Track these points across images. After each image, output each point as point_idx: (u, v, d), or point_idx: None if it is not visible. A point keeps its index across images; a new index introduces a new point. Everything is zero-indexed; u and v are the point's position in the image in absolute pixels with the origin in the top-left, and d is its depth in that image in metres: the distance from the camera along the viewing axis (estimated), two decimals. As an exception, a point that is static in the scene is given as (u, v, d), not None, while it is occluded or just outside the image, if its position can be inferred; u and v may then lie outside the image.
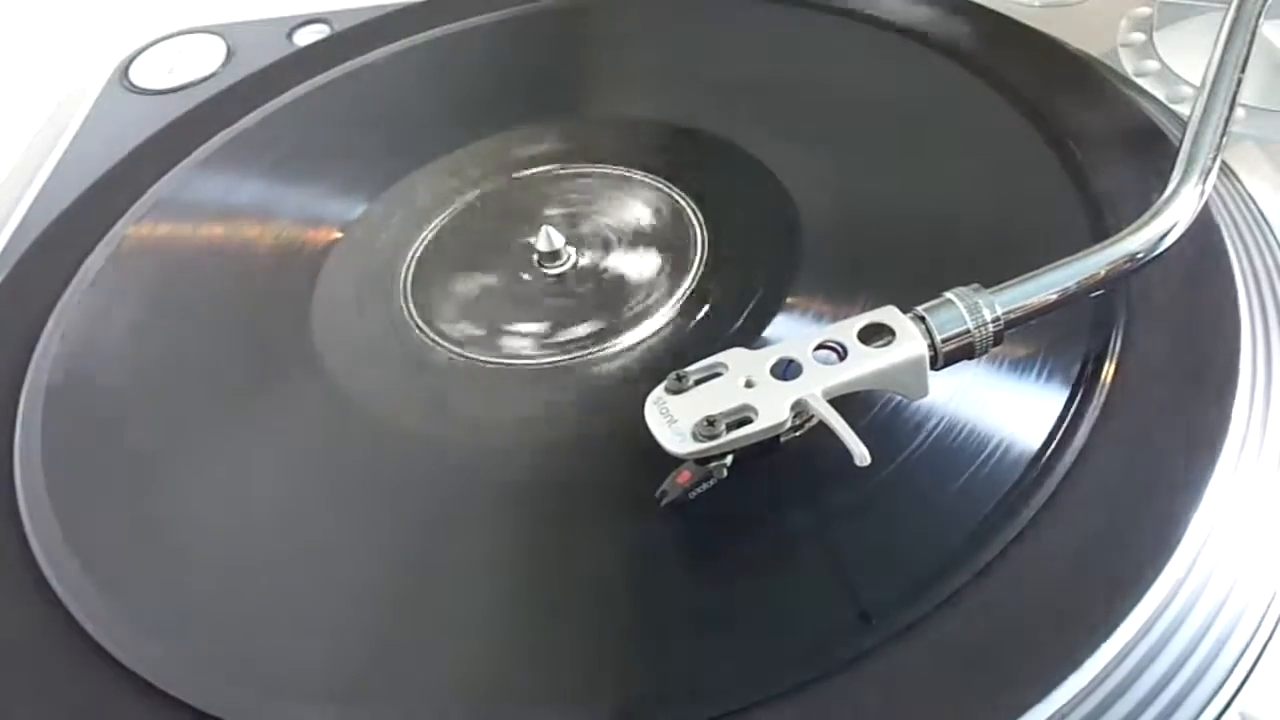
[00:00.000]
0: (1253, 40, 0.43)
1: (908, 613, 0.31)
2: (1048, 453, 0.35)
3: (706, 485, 0.34)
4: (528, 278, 0.45)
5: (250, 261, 0.49)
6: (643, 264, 0.44)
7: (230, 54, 0.64)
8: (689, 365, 0.34)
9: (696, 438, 0.32)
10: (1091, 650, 0.30)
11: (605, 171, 0.49)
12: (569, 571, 0.35)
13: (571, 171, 0.50)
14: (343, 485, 0.39)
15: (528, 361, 0.41)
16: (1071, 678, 0.30)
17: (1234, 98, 0.41)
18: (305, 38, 0.64)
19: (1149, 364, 0.37)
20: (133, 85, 0.63)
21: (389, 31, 0.60)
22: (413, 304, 0.45)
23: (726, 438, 0.32)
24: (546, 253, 0.45)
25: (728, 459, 0.33)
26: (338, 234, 0.49)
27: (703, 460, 0.33)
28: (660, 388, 0.34)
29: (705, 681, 0.31)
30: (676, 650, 0.33)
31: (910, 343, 0.33)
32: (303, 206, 0.51)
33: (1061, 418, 0.35)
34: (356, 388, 0.42)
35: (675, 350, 0.41)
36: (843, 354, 0.34)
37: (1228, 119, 0.41)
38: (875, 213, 0.44)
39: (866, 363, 0.33)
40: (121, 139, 0.57)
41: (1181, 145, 0.40)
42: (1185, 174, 0.38)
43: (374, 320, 0.44)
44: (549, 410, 0.40)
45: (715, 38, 0.55)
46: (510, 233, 0.47)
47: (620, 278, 0.44)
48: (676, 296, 0.43)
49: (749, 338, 0.40)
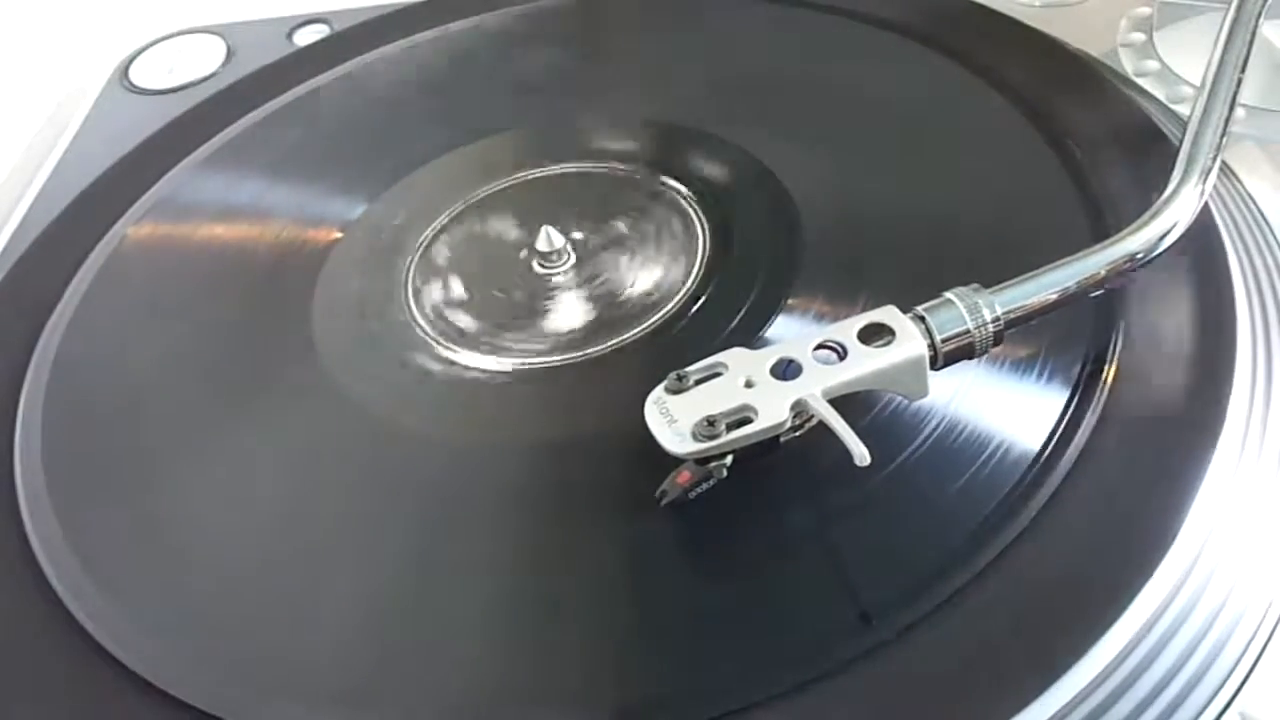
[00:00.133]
0: (1253, 40, 0.43)
1: (908, 613, 0.31)
2: (1048, 453, 0.34)
3: (706, 485, 0.34)
4: (528, 278, 0.45)
5: (250, 261, 0.49)
6: (643, 264, 0.44)
7: (230, 54, 0.64)
8: (689, 365, 0.34)
9: (696, 438, 0.32)
10: (1091, 651, 0.30)
11: (606, 171, 0.49)
12: (569, 572, 0.35)
13: (572, 171, 0.50)
14: (342, 485, 0.39)
15: (528, 361, 0.42)
16: (1071, 678, 0.30)
17: (1234, 98, 0.41)
18: (305, 38, 0.64)
19: (1149, 364, 0.37)
20: (133, 85, 0.63)
21: (389, 31, 0.60)
22: (413, 304, 0.45)
23: (726, 438, 0.32)
24: (546, 253, 0.45)
25: (727, 459, 0.33)
26: (338, 234, 0.49)
27: (703, 460, 0.33)
28: (660, 388, 0.34)
29: (705, 681, 0.31)
30: (676, 650, 0.33)
31: (910, 343, 0.33)
32: (303, 206, 0.51)
33: (1061, 418, 0.35)
34: (356, 388, 0.42)
35: (675, 350, 0.41)
36: (843, 354, 0.34)
37: (1228, 119, 0.41)
38: (875, 213, 0.44)
39: (866, 363, 0.33)
40: (121, 139, 0.57)
41: (1181, 145, 0.40)
42: (1185, 174, 0.38)
43: (374, 320, 0.44)
44: (549, 410, 0.40)
45: (715, 38, 0.55)
46: (510, 233, 0.47)
47: (620, 278, 0.44)
48: (677, 296, 0.43)
49: (749, 338, 0.40)
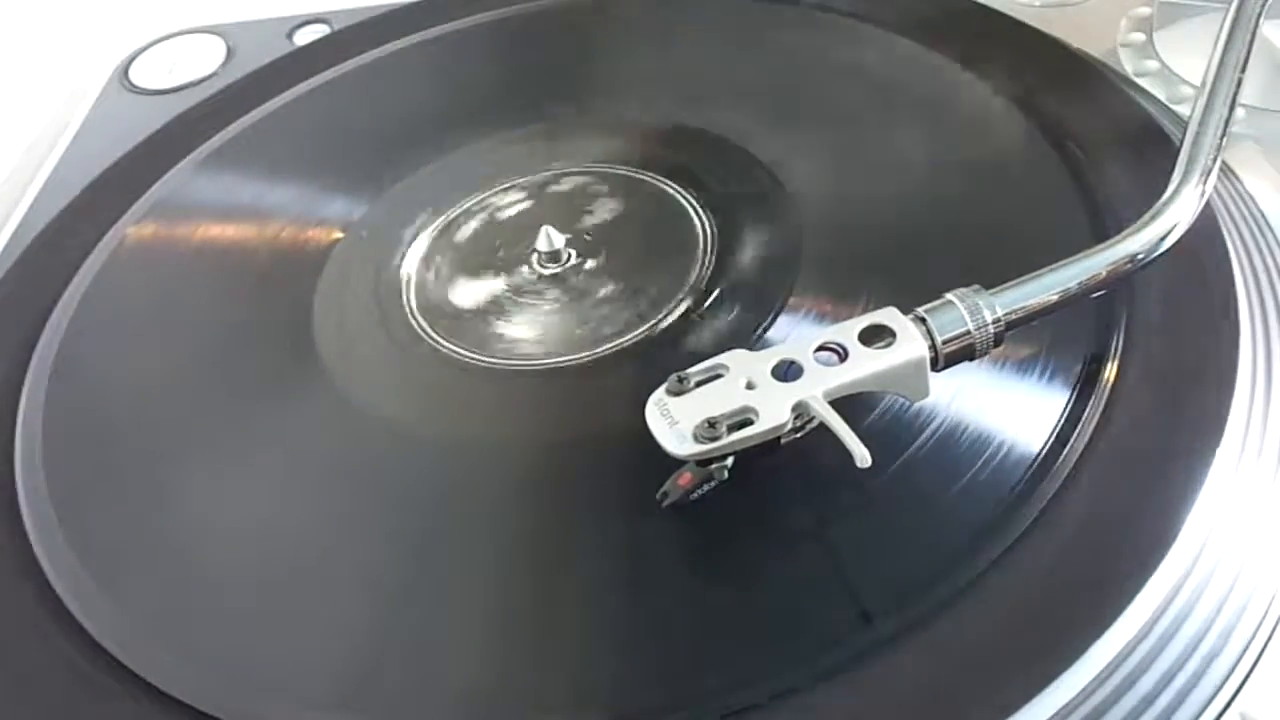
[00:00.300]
0: (1253, 40, 0.43)
1: (908, 613, 0.32)
2: (1048, 453, 0.35)
3: (707, 487, 0.34)
4: (528, 278, 0.45)
5: (251, 261, 0.49)
6: (643, 264, 0.44)
7: (230, 54, 0.64)
8: (690, 366, 0.34)
9: (697, 439, 0.32)
10: (1091, 651, 0.30)
11: (606, 171, 0.49)
12: (570, 573, 0.35)
13: (572, 171, 0.50)
14: (343, 485, 0.39)
15: (528, 362, 0.41)
16: (1071, 678, 0.30)
17: (1234, 98, 0.41)
18: (305, 38, 0.64)
19: (1149, 364, 0.37)
20: (133, 85, 0.63)
21: (389, 31, 0.60)
22: (414, 304, 0.45)
23: (727, 439, 0.32)
24: (547, 253, 0.45)
25: (728, 460, 0.33)
26: (338, 234, 0.49)
27: (704, 462, 0.33)
28: (661, 389, 0.34)
29: (705, 682, 0.31)
30: (677, 651, 0.33)
31: (911, 344, 0.33)
32: (303, 206, 0.51)
33: (1062, 418, 0.35)
34: (357, 388, 0.42)
35: (676, 351, 0.41)
36: (843, 355, 0.34)
37: (1228, 119, 0.41)
38: (875, 213, 0.44)
39: (867, 364, 0.33)
40: (121, 139, 0.57)
41: (1182, 145, 0.40)
42: (1185, 174, 0.38)
43: (375, 321, 0.44)
44: (550, 411, 0.40)
45: (715, 38, 0.55)
46: (511, 233, 0.47)
47: (621, 278, 0.44)
48: (678, 297, 0.43)
49: (750, 339, 0.40)
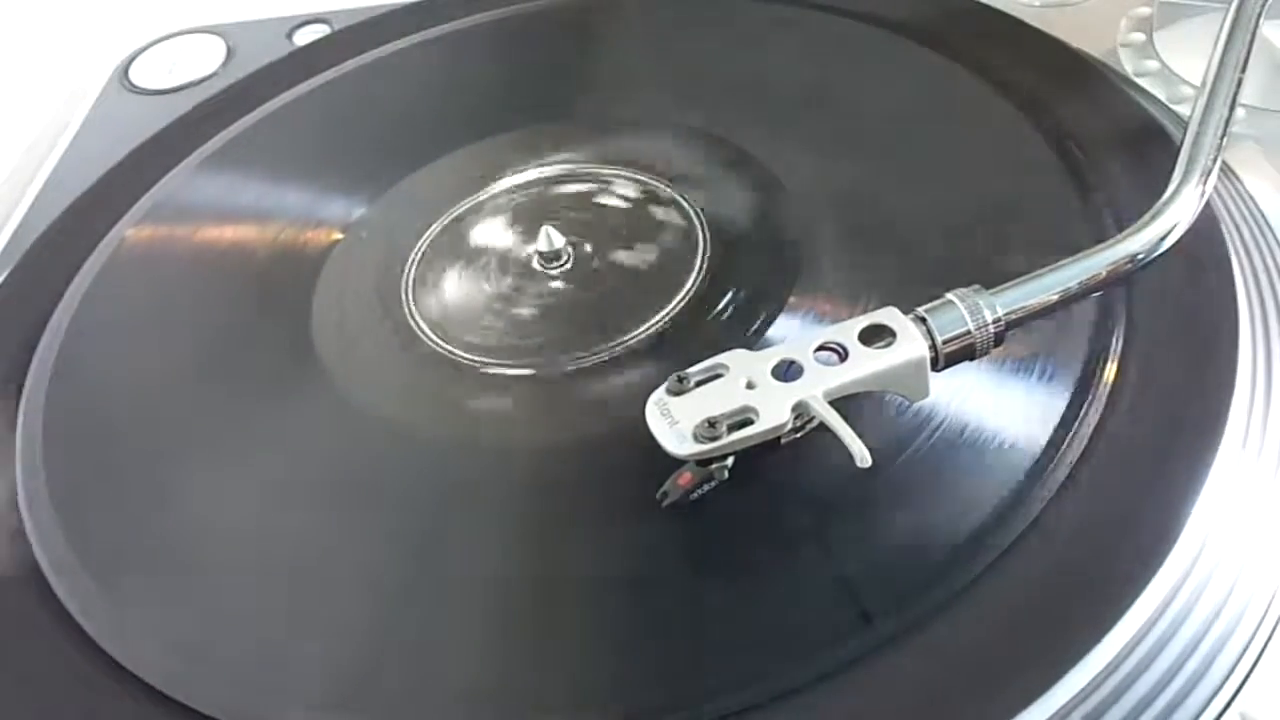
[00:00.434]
0: (1253, 40, 0.43)
1: (908, 613, 0.32)
2: (1048, 453, 0.34)
3: (707, 486, 0.34)
4: (528, 278, 0.45)
5: (250, 262, 0.49)
6: (643, 265, 0.44)
7: (230, 54, 0.64)
8: (690, 366, 0.34)
9: (697, 439, 0.32)
10: (1091, 651, 0.30)
11: (606, 171, 0.49)
12: (570, 573, 0.35)
13: (572, 172, 0.50)
14: (342, 486, 0.39)
15: (528, 362, 0.41)
16: (1071, 678, 0.30)
17: (1234, 98, 0.41)
18: (305, 38, 0.64)
19: (1149, 364, 0.37)
20: (133, 85, 0.63)
21: (389, 31, 0.60)
22: (414, 305, 0.45)
23: (727, 439, 0.32)
24: (547, 253, 0.45)
25: (728, 460, 0.33)
26: (338, 235, 0.49)
27: (704, 461, 0.33)
28: (661, 389, 0.34)
29: (705, 682, 0.31)
30: (677, 651, 0.33)
31: (911, 344, 0.33)
32: (303, 207, 0.51)
33: (1062, 418, 0.35)
34: (357, 389, 0.42)
35: (676, 351, 0.41)
36: (844, 355, 0.34)
37: (1228, 119, 0.41)
38: (875, 213, 0.44)
39: (867, 364, 0.33)
40: (121, 139, 0.57)
41: (1182, 145, 0.40)
42: (1186, 174, 0.38)
43: (374, 321, 0.44)
44: (549, 411, 0.40)
45: (715, 38, 0.55)
46: (511, 233, 0.47)
47: (621, 278, 0.44)
48: (677, 297, 0.43)
49: (750, 339, 0.40)
